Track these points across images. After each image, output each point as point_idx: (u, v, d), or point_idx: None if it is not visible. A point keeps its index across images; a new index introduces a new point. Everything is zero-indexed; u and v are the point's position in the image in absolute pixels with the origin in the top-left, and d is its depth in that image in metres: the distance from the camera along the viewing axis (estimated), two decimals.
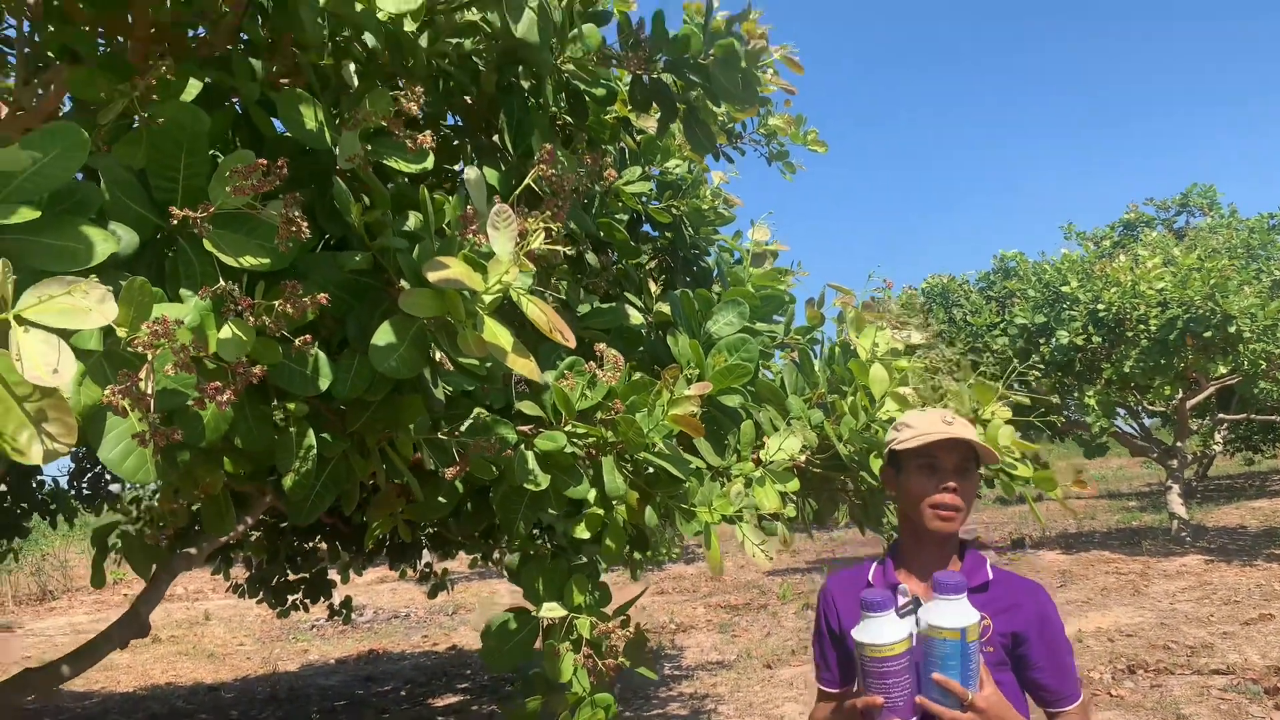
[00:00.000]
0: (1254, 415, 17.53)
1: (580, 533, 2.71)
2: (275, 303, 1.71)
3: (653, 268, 4.09)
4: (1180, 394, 14.43)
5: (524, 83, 3.03)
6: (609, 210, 3.53)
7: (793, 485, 2.79)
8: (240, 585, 6.84)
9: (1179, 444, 15.07)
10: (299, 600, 6.75)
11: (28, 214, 1.39)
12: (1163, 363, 12.67)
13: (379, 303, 2.12)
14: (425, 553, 6.79)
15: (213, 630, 13.28)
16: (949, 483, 1.96)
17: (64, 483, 6.87)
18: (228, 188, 1.65)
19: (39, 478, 6.51)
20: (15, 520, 6.48)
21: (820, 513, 3.24)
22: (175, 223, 1.65)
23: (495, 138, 3.09)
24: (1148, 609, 9.78)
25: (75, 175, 1.56)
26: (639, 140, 3.88)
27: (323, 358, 1.96)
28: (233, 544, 5.32)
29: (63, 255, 1.46)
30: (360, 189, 2.18)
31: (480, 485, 2.79)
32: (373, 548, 5.56)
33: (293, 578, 6.68)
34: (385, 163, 2.13)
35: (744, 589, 13.37)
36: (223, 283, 1.71)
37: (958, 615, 1.72)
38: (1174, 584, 11.05)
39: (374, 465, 2.43)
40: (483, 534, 4.52)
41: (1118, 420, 15.20)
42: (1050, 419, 3.37)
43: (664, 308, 3.61)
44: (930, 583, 1.85)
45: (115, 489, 7.03)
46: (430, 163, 2.18)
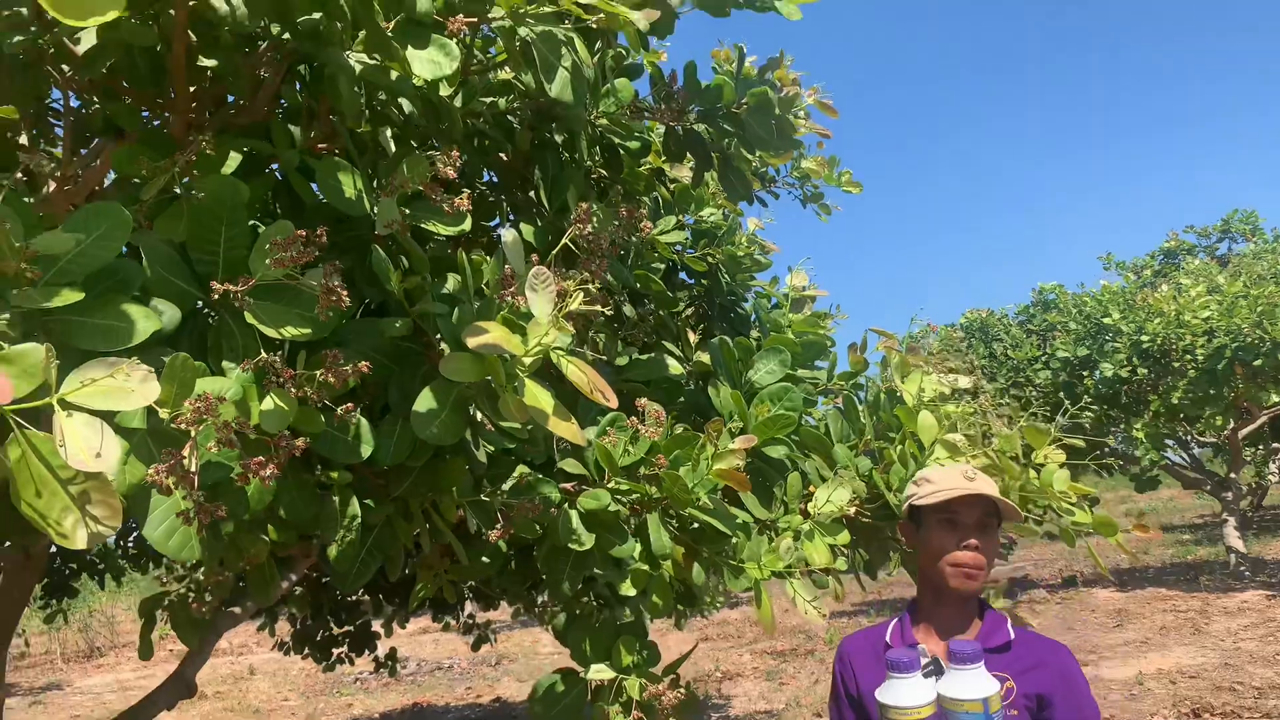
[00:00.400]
0: None
1: (626, 589, 2.66)
2: (317, 373, 1.71)
3: (689, 315, 4.07)
4: (1232, 424, 14.08)
5: (557, 137, 3.05)
6: (644, 261, 3.52)
7: (843, 538, 2.73)
8: (285, 642, 6.84)
9: (1232, 475, 14.67)
10: (343, 654, 6.73)
11: (71, 296, 1.40)
12: (1212, 393, 12.38)
13: (419, 366, 2.11)
14: (468, 603, 6.75)
15: (257, 685, 13.27)
16: (970, 539, 1.92)
17: (110, 542, 6.93)
18: (268, 260, 1.65)
19: None
20: (64, 581, 6.55)
21: (871, 563, 3.17)
22: (216, 297, 1.65)
23: (530, 193, 3.10)
24: (1210, 648, 9.46)
25: (118, 254, 1.57)
26: (673, 189, 3.88)
27: (365, 424, 1.95)
28: (276, 600, 5.31)
29: (106, 335, 1.46)
30: (398, 252, 2.18)
31: (524, 544, 2.75)
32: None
33: (337, 631, 6.67)
34: (423, 226, 2.14)
35: (790, 634, 13.14)
36: (264, 354, 1.70)
37: (978, 685, 1.67)
38: (1236, 621, 10.69)
39: (418, 527, 2.41)
40: (526, 585, 4.48)
41: (1167, 452, 14.85)
42: (1107, 463, 3.28)
43: (703, 357, 3.58)
44: (949, 644, 1.81)
45: None
46: (468, 225, 2.18)
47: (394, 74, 1.99)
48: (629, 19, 2.17)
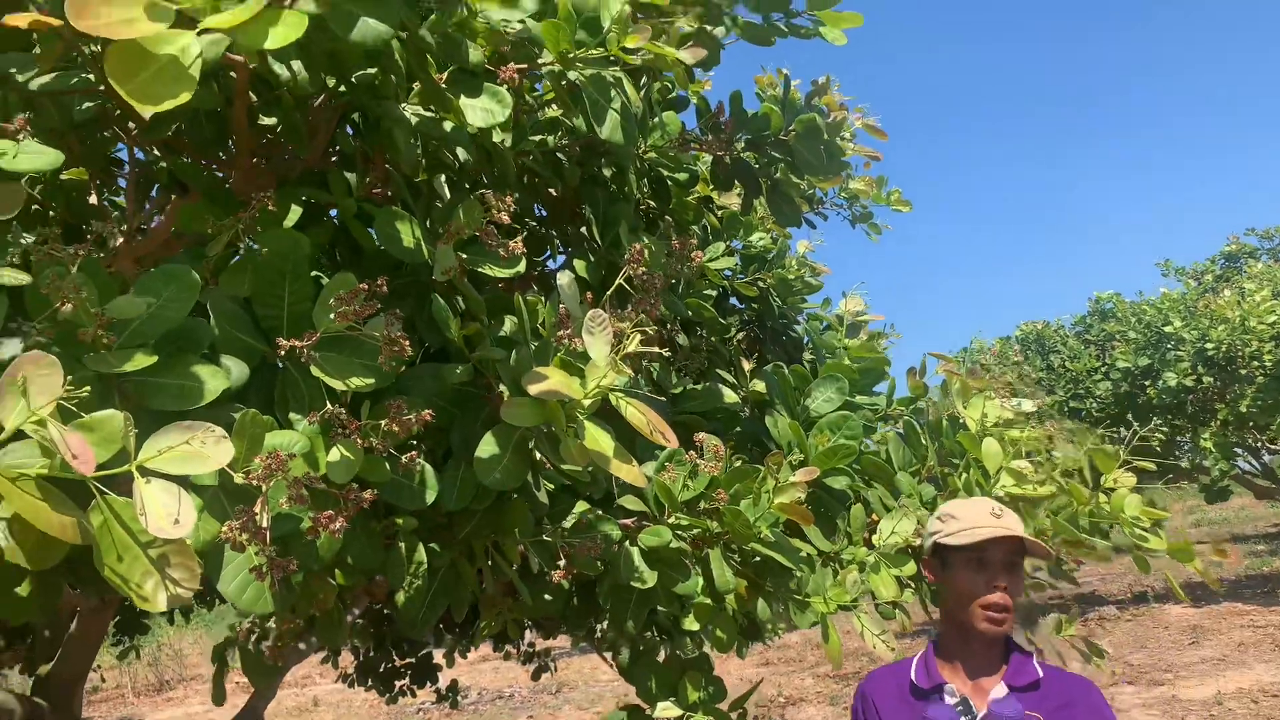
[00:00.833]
0: None
1: (690, 624, 2.65)
2: (381, 422, 1.72)
3: (741, 340, 4.05)
4: None
5: (606, 171, 3.06)
6: (695, 289, 3.52)
7: (909, 569, 2.68)
8: (349, 674, 6.89)
9: None
10: (406, 685, 6.76)
11: (145, 360, 1.43)
12: None
13: (480, 410, 2.12)
14: (528, 632, 6.75)
15: (321, 717, 13.40)
16: (999, 580, 1.91)
17: None
18: (331, 314, 1.68)
19: None
20: (136, 618, 6.68)
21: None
22: (283, 352, 1.68)
23: (582, 229, 3.11)
24: None
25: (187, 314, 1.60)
26: (721, 216, 3.88)
27: (429, 470, 1.96)
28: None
29: (178, 395, 1.50)
30: (453, 293, 2.21)
31: (586, 580, 2.75)
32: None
33: (399, 663, 6.71)
34: (479, 270, 2.16)
35: (852, 657, 12.93)
36: (329, 405, 1.72)
37: None
38: None
39: (480, 566, 2.42)
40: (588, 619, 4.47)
41: (1237, 461, 14.41)
42: (1177, 484, 3.19)
43: (758, 385, 3.56)
44: (977, 683, 1.90)
45: None
46: (523, 267, 2.20)
47: (448, 124, 2.01)
48: (676, 58, 2.18)
